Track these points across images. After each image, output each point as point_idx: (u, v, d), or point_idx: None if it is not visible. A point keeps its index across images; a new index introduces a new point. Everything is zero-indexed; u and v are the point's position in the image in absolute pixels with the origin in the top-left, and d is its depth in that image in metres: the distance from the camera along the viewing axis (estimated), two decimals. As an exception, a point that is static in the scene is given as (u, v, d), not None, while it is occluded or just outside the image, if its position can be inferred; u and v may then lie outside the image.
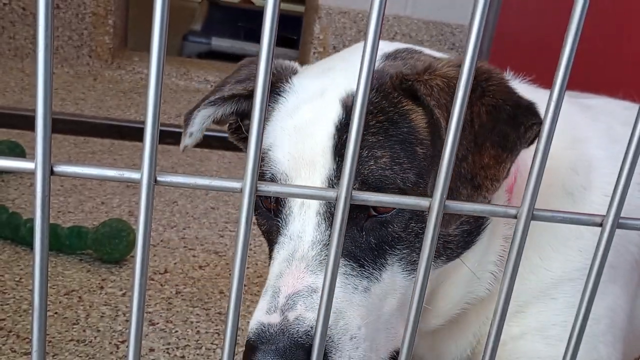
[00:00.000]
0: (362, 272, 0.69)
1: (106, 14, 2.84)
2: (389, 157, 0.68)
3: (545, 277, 0.82)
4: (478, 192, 0.65)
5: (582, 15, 0.40)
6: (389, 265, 0.70)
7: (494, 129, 0.66)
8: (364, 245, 0.69)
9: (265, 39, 0.38)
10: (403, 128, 0.69)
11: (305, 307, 0.65)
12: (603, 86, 1.09)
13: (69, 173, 0.39)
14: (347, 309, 0.67)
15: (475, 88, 0.68)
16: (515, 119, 0.67)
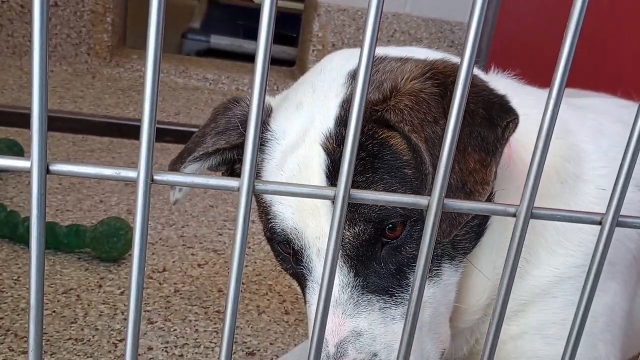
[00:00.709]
0: (394, 300, 0.71)
1: (105, 12, 2.83)
2: (383, 189, 0.69)
3: (549, 273, 0.82)
4: (471, 197, 0.66)
5: (581, 12, 0.40)
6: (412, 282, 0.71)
7: (472, 133, 0.67)
8: (386, 274, 0.71)
9: (262, 37, 0.38)
10: (386, 157, 0.70)
11: (356, 351, 0.67)
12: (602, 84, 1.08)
13: (65, 172, 0.39)
14: (395, 342, 0.68)
15: (444, 94, 0.68)
16: (491, 121, 0.68)
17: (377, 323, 0.69)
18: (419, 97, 0.68)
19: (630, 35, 1.83)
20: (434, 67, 0.71)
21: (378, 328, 0.69)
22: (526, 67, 0.95)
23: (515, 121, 0.69)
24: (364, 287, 0.70)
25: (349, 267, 0.70)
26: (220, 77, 2.97)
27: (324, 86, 0.75)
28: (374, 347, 0.68)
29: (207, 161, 0.87)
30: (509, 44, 2.60)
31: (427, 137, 0.66)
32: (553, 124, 0.43)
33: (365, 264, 0.71)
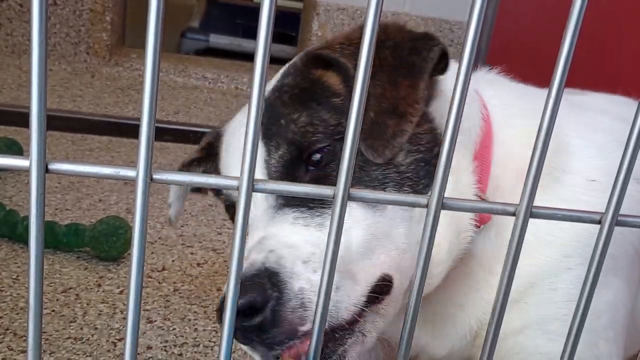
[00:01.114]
0: (312, 213, 0.71)
1: (104, 11, 2.83)
2: (307, 115, 0.74)
3: (541, 262, 0.81)
4: (404, 119, 0.71)
5: (580, 11, 0.40)
6: None
7: (401, 64, 0.74)
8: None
9: (261, 36, 0.38)
10: (316, 90, 0.76)
11: (256, 253, 0.67)
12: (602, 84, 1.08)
13: (64, 171, 0.39)
14: (297, 241, 0.68)
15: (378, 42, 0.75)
16: (416, 49, 0.75)
17: (285, 229, 0.70)
18: (349, 37, 0.77)
19: (630, 35, 1.83)
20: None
21: (283, 232, 0.69)
22: (526, 66, 0.96)
23: (439, 46, 0.75)
24: (283, 204, 0.72)
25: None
26: (219, 76, 2.97)
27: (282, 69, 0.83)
28: (271, 245, 0.68)
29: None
30: (509, 43, 2.60)
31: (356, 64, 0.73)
32: (553, 123, 0.43)
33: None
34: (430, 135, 0.76)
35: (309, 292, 0.64)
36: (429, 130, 0.76)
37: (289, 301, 0.64)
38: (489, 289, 0.84)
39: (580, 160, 0.85)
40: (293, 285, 0.64)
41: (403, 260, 0.74)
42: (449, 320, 0.87)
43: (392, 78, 0.73)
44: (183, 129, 2.29)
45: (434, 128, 0.77)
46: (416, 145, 0.75)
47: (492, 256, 0.83)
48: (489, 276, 0.83)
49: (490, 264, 0.83)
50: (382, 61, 0.74)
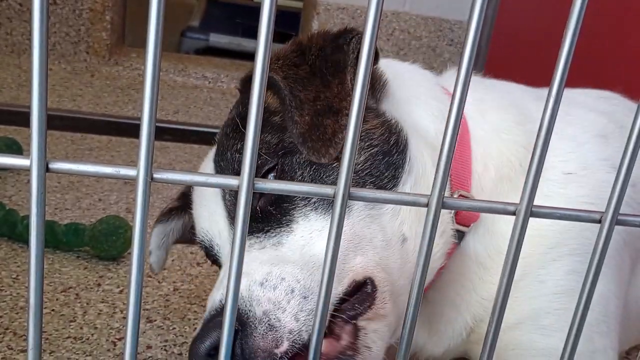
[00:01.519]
0: (268, 235, 0.71)
1: (103, 10, 2.83)
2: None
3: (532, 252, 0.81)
4: (340, 114, 0.71)
5: (581, 11, 0.40)
6: (300, 217, 0.71)
7: (327, 64, 0.76)
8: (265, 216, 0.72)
9: (262, 35, 0.38)
10: None
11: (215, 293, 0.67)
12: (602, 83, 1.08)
13: (65, 170, 0.39)
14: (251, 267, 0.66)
15: (303, 50, 0.79)
16: (337, 46, 0.77)
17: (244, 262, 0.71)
18: (278, 54, 0.79)
19: (631, 35, 1.83)
20: (296, 39, 0.83)
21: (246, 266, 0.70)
22: (526, 66, 0.96)
23: (357, 36, 0.76)
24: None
25: (231, 226, 0.76)
26: (219, 76, 2.97)
27: None
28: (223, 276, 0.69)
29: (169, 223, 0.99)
30: (509, 42, 2.60)
31: (285, 75, 0.75)
32: (553, 123, 0.43)
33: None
34: (383, 128, 0.77)
35: (274, 311, 0.62)
36: (380, 125, 0.77)
37: (255, 329, 0.61)
38: (483, 285, 0.84)
39: (555, 155, 0.85)
40: (255, 311, 0.62)
41: (385, 257, 0.72)
42: (445, 318, 0.87)
43: (324, 80, 0.74)
44: (183, 129, 2.29)
45: (386, 121, 0.78)
46: (368, 141, 0.75)
47: (484, 253, 0.83)
48: (483, 273, 0.84)
49: (483, 260, 0.83)
50: (312, 67, 0.76)
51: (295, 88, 0.74)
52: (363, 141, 0.75)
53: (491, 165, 0.84)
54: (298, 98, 0.73)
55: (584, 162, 0.85)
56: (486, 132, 0.86)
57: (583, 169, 0.85)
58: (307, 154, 0.70)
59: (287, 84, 0.74)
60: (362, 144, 0.75)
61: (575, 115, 0.92)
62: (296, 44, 0.81)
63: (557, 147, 0.86)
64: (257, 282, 0.64)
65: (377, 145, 0.75)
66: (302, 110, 0.72)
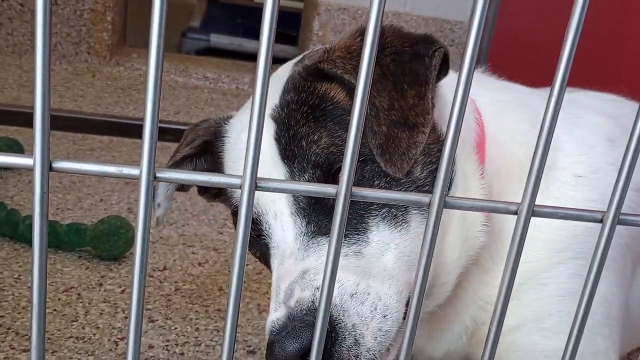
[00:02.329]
0: (348, 241, 0.70)
1: (105, 11, 2.83)
2: (327, 135, 0.72)
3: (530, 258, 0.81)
4: (415, 130, 0.70)
5: (582, 11, 0.40)
6: (373, 226, 0.71)
7: (404, 71, 0.72)
8: None
9: (264, 35, 0.38)
10: (327, 107, 0.74)
11: (300, 289, 0.66)
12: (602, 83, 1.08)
13: (68, 169, 0.39)
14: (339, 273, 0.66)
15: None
16: (418, 55, 0.74)
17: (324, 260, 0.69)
18: (349, 49, 0.74)
19: (632, 35, 1.83)
20: (361, 27, 0.77)
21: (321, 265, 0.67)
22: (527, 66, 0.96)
23: (440, 49, 0.73)
24: (315, 232, 0.70)
25: (302, 217, 0.71)
26: (220, 76, 2.97)
27: (274, 82, 0.81)
28: (317, 281, 0.66)
29: None
30: (510, 43, 2.60)
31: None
32: (554, 122, 0.43)
33: (317, 211, 0.71)
34: (439, 144, 0.75)
35: (360, 327, 0.64)
36: (436, 140, 0.75)
37: (345, 340, 0.62)
38: (482, 287, 0.84)
39: (565, 156, 0.85)
40: (346, 322, 0.63)
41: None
42: (444, 321, 0.87)
43: (397, 87, 0.71)
44: (184, 129, 2.28)
45: (440, 136, 0.76)
46: (429, 157, 0.74)
47: (487, 256, 0.83)
48: (482, 274, 0.84)
49: (483, 262, 0.83)
50: (384, 69, 0.72)
51: (371, 94, 0.70)
52: (426, 156, 0.73)
53: (503, 166, 0.84)
54: (374, 106, 0.70)
55: (594, 166, 0.85)
56: (501, 133, 0.85)
57: (593, 173, 0.85)
58: (385, 166, 0.69)
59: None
60: (425, 159, 0.73)
61: (585, 118, 0.91)
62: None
63: (567, 148, 0.86)
64: (349, 292, 0.65)
65: (435, 162, 0.74)
66: (379, 120, 0.70)
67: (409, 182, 0.72)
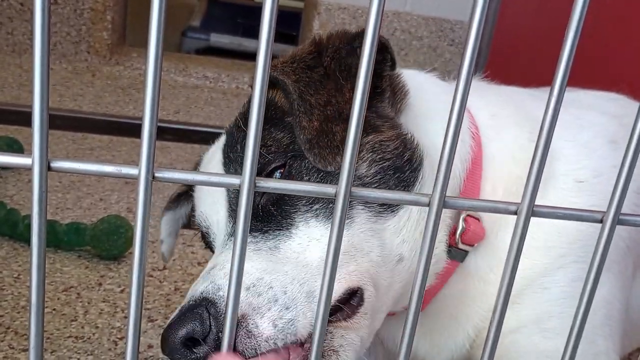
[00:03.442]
0: (265, 237, 0.70)
1: (104, 10, 2.83)
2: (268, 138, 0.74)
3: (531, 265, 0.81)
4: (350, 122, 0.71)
5: (582, 11, 0.40)
6: (301, 222, 0.71)
7: (341, 67, 0.74)
8: (266, 216, 0.72)
9: (263, 35, 0.38)
10: (271, 113, 0.76)
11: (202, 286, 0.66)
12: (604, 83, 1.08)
13: (67, 169, 0.39)
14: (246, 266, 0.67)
15: (320, 51, 0.77)
16: (352, 49, 0.75)
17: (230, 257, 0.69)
18: (294, 55, 0.77)
19: (632, 35, 1.83)
20: (316, 38, 0.80)
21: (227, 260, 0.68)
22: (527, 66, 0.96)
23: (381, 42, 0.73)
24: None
25: (231, 218, 0.74)
26: (220, 76, 2.97)
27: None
28: (214, 275, 0.66)
29: (177, 209, 0.98)
30: (510, 43, 2.60)
31: (297, 79, 0.73)
32: (554, 122, 0.43)
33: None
34: (398, 141, 0.74)
35: (253, 316, 0.62)
36: (395, 137, 0.75)
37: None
38: (484, 297, 0.84)
39: (568, 161, 0.85)
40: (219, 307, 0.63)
41: (378, 274, 0.72)
42: (446, 332, 0.87)
43: (337, 84, 0.72)
44: (183, 128, 2.29)
45: (401, 133, 0.75)
46: (380, 154, 0.73)
47: (486, 267, 0.83)
48: (484, 286, 0.84)
49: (485, 276, 0.83)
50: (327, 69, 0.74)
51: (306, 92, 0.72)
52: (375, 153, 0.73)
53: (499, 185, 0.83)
54: (308, 102, 0.71)
55: (596, 170, 0.85)
56: (499, 150, 0.84)
57: (595, 177, 0.84)
58: (314, 161, 0.70)
59: (297, 88, 0.73)
60: (374, 156, 0.73)
61: (587, 119, 0.90)
62: (315, 44, 0.79)
63: (569, 154, 0.85)
64: (245, 286, 0.65)
65: (389, 159, 0.73)
66: (310, 116, 0.70)
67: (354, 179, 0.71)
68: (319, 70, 0.74)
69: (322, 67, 0.74)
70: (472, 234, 0.79)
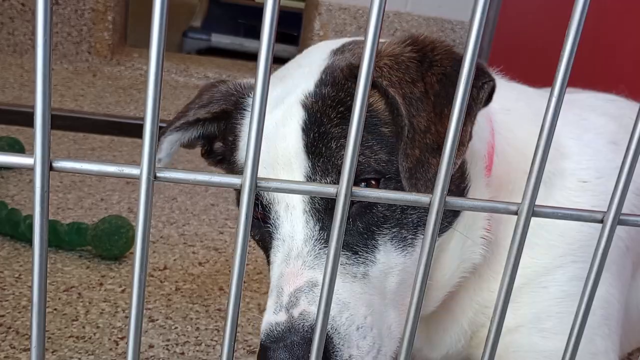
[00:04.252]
0: (357, 258, 0.70)
1: (105, 10, 2.83)
2: (363, 149, 0.70)
3: (530, 264, 0.82)
4: None
5: (583, 11, 0.40)
6: (381, 245, 0.71)
7: (448, 95, 0.69)
8: (353, 231, 0.70)
9: (265, 35, 0.38)
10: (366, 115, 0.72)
11: (308, 302, 0.65)
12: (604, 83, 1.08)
13: (68, 169, 0.39)
14: (351, 299, 0.67)
15: (423, 60, 0.71)
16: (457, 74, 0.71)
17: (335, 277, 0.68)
18: (397, 59, 0.71)
19: (632, 35, 1.83)
20: (413, 36, 0.75)
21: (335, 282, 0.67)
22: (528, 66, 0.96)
23: (490, 83, 0.70)
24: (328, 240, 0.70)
25: (316, 220, 0.70)
26: (221, 76, 2.97)
27: (309, 62, 0.78)
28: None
29: (187, 132, 0.88)
30: (511, 43, 2.60)
31: (404, 94, 0.69)
32: (555, 122, 0.43)
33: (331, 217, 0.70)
34: (460, 172, 0.75)
35: (356, 358, 0.65)
36: (459, 167, 0.75)
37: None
38: (480, 292, 0.84)
39: (572, 162, 0.85)
40: (344, 353, 0.64)
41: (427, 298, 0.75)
42: (442, 326, 0.88)
43: (437, 109, 0.69)
44: (185, 129, 2.29)
45: (464, 162, 0.75)
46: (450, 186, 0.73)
47: (483, 264, 0.83)
48: (480, 281, 0.84)
49: (480, 271, 0.83)
50: (428, 87, 0.69)
51: (411, 113, 0.68)
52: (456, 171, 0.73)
53: (506, 181, 0.83)
54: (412, 126, 0.68)
55: (598, 171, 0.85)
56: (510, 147, 0.84)
57: (598, 178, 0.85)
58: (408, 189, 0.67)
59: (407, 109, 0.68)
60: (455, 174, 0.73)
61: (590, 120, 0.91)
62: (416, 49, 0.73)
63: (575, 154, 0.86)
64: (356, 324, 0.66)
65: (452, 192, 0.73)
66: (413, 142, 0.68)
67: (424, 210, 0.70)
68: (419, 86, 0.70)
69: (422, 82, 0.70)
70: None
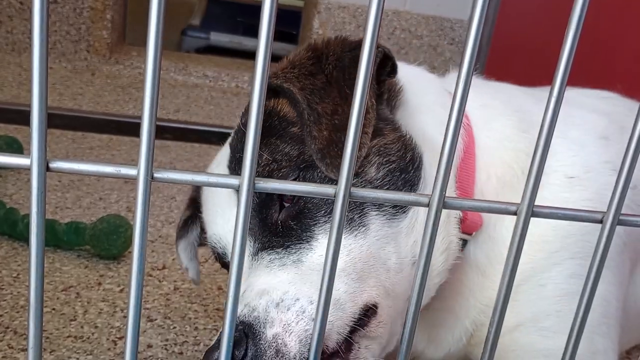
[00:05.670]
0: (289, 251, 0.71)
1: (104, 9, 2.83)
2: (268, 152, 0.73)
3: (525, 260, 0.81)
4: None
5: (582, 10, 0.40)
6: (320, 233, 0.71)
7: (345, 75, 0.73)
8: (286, 231, 0.72)
9: (263, 33, 0.38)
10: (274, 122, 0.75)
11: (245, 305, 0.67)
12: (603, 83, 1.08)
13: (65, 169, 0.39)
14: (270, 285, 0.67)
15: (320, 57, 0.76)
16: (356, 57, 0.75)
17: (260, 276, 0.69)
18: (293, 62, 0.77)
19: (632, 35, 1.83)
20: (311, 44, 0.80)
21: (258, 280, 0.69)
22: (527, 65, 0.96)
23: (379, 49, 0.72)
24: (259, 249, 0.72)
25: (251, 238, 0.73)
26: (220, 75, 2.96)
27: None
28: (247, 298, 0.67)
29: (188, 234, 0.98)
30: (510, 42, 2.60)
31: (302, 86, 0.73)
32: (554, 122, 0.43)
33: (263, 229, 0.73)
34: (400, 143, 0.75)
35: (282, 335, 0.64)
36: (397, 140, 0.75)
37: (264, 353, 0.63)
38: (483, 291, 0.84)
39: (557, 159, 0.85)
40: (267, 334, 0.64)
41: (394, 283, 0.73)
42: (444, 325, 0.87)
43: (341, 93, 0.72)
44: (183, 128, 2.29)
45: (402, 135, 0.76)
46: (386, 157, 0.74)
47: (485, 261, 0.83)
48: (483, 279, 0.84)
49: (482, 267, 0.83)
50: (329, 77, 0.73)
51: (313, 100, 0.72)
52: (381, 156, 0.73)
53: (493, 173, 0.84)
54: (316, 111, 0.71)
55: (586, 166, 0.85)
56: (490, 140, 0.85)
57: (586, 172, 0.85)
58: (326, 171, 0.69)
59: (305, 97, 0.72)
60: (381, 159, 0.73)
61: (578, 117, 0.91)
62: (311, 50, 0.79)
63: (559, 151, 0.86)
64: (274, 302, 0.65)
65: (394, 161, 0.74)
66: (320, 125, 0.70)
67: (364, 183, 0.72)
68: (320, 78, 0.74)
69: (323, 74, 0.74)
70: (470, 223, 0.80)
